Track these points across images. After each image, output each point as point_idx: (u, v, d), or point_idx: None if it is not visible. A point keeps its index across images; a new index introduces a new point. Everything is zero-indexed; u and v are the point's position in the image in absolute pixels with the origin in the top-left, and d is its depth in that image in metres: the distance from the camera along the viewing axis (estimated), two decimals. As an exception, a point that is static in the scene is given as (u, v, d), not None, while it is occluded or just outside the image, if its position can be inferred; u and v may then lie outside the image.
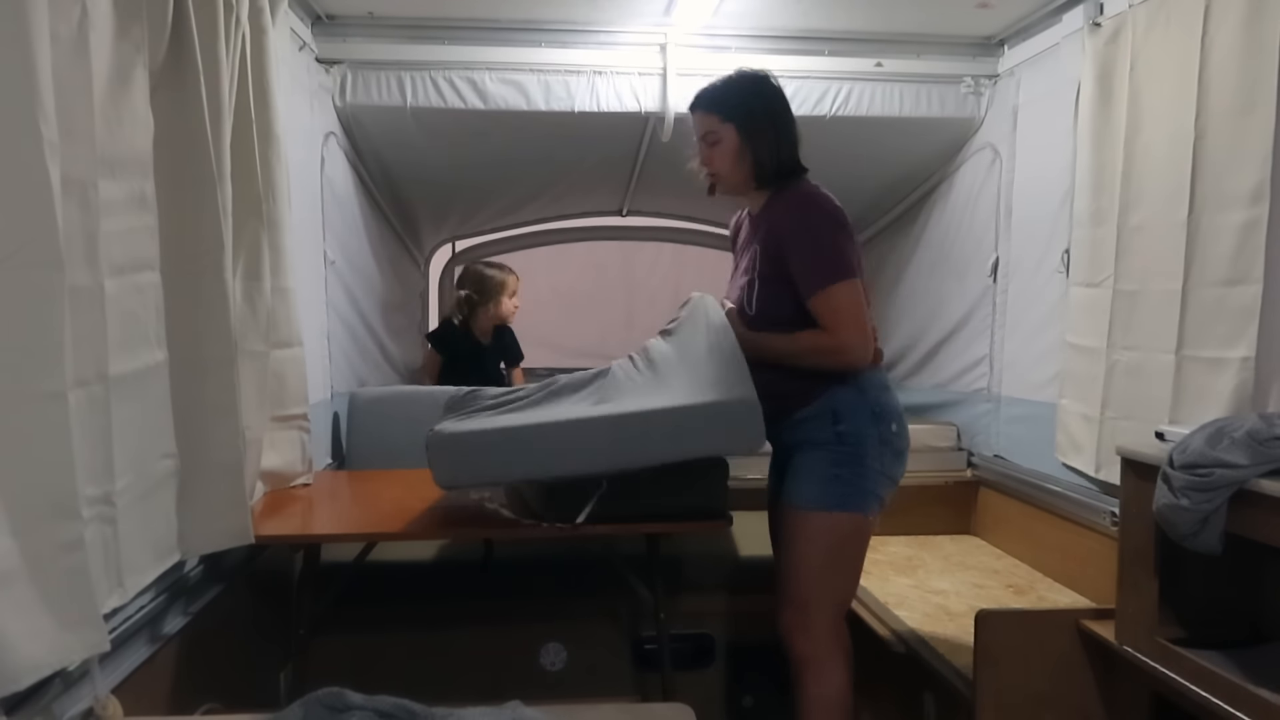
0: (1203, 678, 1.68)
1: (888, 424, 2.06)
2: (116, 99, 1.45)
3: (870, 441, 2.04)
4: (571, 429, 1.91)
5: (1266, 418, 1.62)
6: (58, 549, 1.22)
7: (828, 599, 2.09)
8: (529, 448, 1.88)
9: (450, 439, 1.91)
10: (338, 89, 2.95)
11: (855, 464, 2.03)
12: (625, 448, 1.87)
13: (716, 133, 2.10)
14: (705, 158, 2.15)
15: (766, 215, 2.13)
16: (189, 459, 1.73)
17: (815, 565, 2.07)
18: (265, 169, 2.03)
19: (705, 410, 1.88)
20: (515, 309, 3.77)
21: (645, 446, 1.87)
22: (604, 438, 1.88)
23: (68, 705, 1.35)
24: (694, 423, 1.87)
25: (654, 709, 1.75)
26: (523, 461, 1.88)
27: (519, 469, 1.90)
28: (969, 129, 3.27)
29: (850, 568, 2.12)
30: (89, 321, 1.36)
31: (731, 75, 2.14)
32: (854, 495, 2.04)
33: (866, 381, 2.07)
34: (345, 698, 1.23)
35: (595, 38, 3.04)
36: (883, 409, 2.07)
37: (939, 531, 3.31)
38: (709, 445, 1.91)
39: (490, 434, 1.92)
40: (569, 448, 1.88)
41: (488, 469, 1.92)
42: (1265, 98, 1.97)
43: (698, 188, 2.25)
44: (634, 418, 1.88)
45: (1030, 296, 2.96)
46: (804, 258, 2.03)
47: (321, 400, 2.85)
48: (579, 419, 1.93)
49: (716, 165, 2.13)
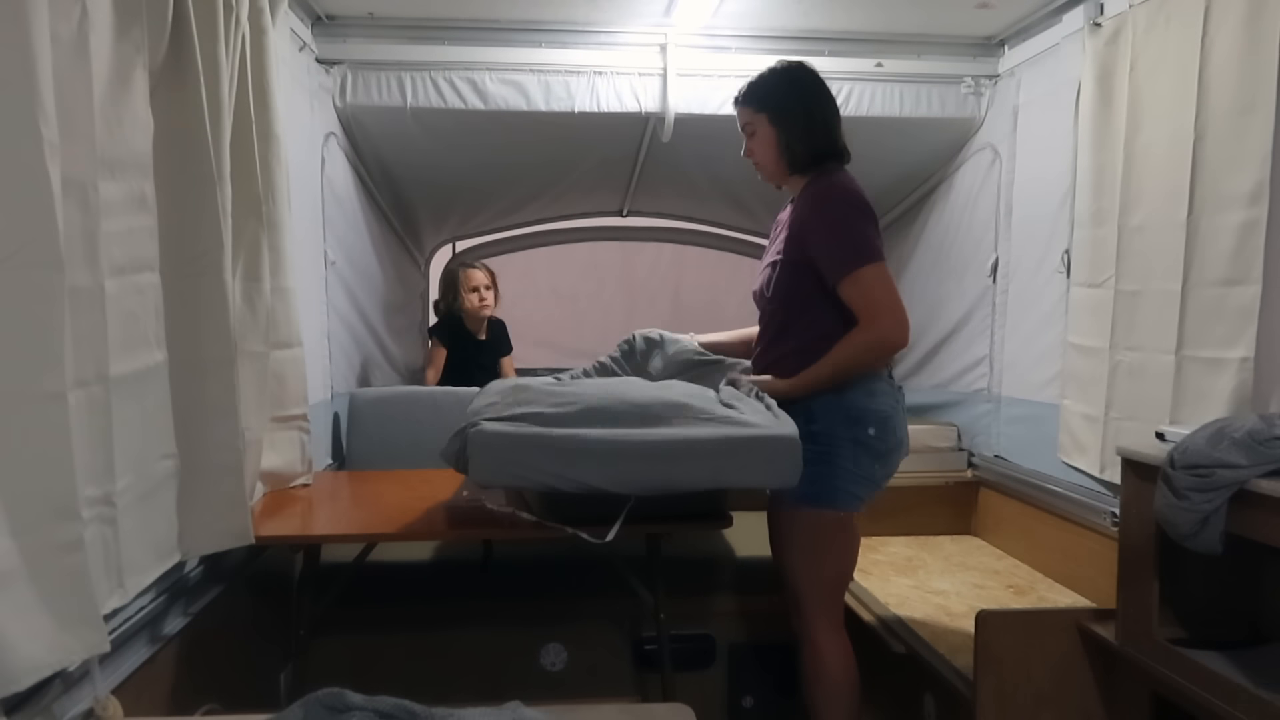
0: (1203, 678, 1.68)
1: (864, 428, 2.08)
2: (116, 99, 1.46)
3: (841, 442, 2.07)
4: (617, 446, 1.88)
5: (1266, 418, 1.63)
6: (58, 549, 1.22)
7: (815, 588, 2.15)
8: (572, 458, 1.86)
9: (495, 437, 1.87)
10: (338, 89, 2.96)
11: (825, 463, 2.06)
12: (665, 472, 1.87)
13: (752, 124, 2.19)
14: (747, 149, 2.24)
15: (798, 201, 2.20)
16: (189, 459, 1.74)
17: (797, 557, 2.16)
18: (265, 169, 2.03)
19: (749, 443, 1.89)
20: (481, 302, 3.67)
21: (686, 473, 1.88)
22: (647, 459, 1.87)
23: (68, 706, 1.35)
24: (737, 454, 1.88)
25: (654, 709, 1.74)
26: (562, 470, 1.86)
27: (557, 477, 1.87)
28: (969, 129, 3.27)
29: (833, 558, 2.16)
30: (89, 322, 1.36)
31: (767, 69, 2.20)
32: (826, 492, 2.07)
33: (845, 385, 2.09)
34: (345, 698, 1.23)
35: (595, 38, 3.05)
36: (860, 413, 2.08)
37: (939, 532, 3.31)
38: (747, 477, 1.93)
39: (537, 438, 1.89)
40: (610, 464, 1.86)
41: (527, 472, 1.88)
42: (1265, 98, 1.97)
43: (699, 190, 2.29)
44: (680, 444, 1.88)
45: (1030, 297, 2.96)
46: (827, 242, 2.08)
47: (321, 401, 2.85)
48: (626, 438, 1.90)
49: (756, 154, 2.22)
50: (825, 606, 2.16)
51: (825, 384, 2.08)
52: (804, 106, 2.15)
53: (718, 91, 3.08)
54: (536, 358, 4.31)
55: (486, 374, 3.64)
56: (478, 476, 1.90)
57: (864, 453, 2.08)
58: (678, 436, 1.89)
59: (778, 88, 2.16)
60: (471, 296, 3.66)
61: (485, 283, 3.69)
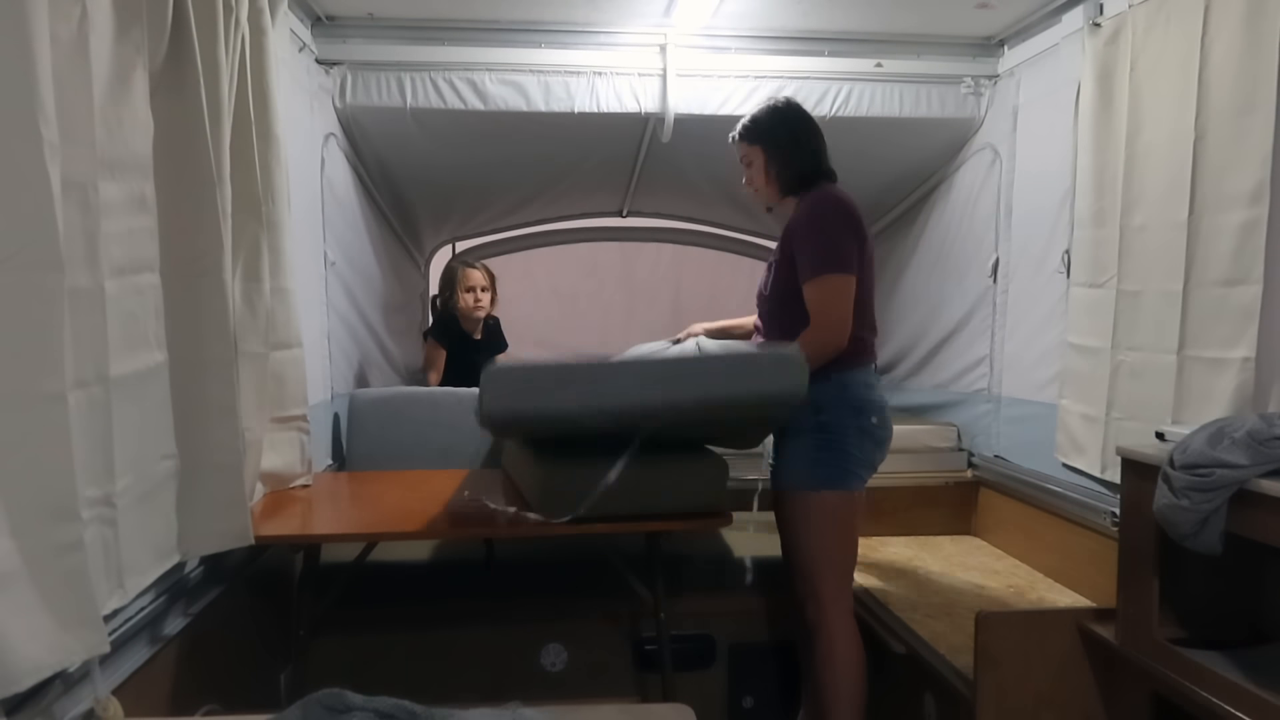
0: (1203, 678, 1.68)
1: (868, 416, 2.27)
2: (116, 100, 1.46)
3: (849, 430, 2.26)
4: (629, 367, 2.02)
5: (1266, 418, 1.62)
6: (58, 550, 1.23)
7: (828, 568, 2.29)
8: (584, 379, 1.93)
9: (505, 370, 1.96)
10: (338, 90, 2.96)
11: (836, 449, 2.25)
12: (681, 383, 1.96)
13: (748, 155, 2.43)
14: (746, 178, 2.47)
15: (795, 209, 2.38)
16: (189, 460, 1.74)
17: (813, 539, 2.29)
18: (265, 170, 2.03)
19: (759, 357, 2.06)
20: (476, 303, 3.66)
21: (701, 381, 1.97)
22: (661, 373, 1.98)
23: (68, 706, 1.35)
24: (749, 366, 2.02)
25: (654, 709, 1.74)
26: (576, 390, 1.92)
27: (571, 398, 1.92)
28: (969, 129, 3.27)
29: (845, 537, 2.32)
30: (89, 323, 1.36)
31: (759, 108, 2.45)
32: (837, 475, 2.26)
33: (848, 378, 2.26)
34: (345, 698, 1.23)
35: (595, 38, 3.04)
36: (863, 404, 2.27)
37: (939, 532, 3.31)
38: (761, 385, 2.01)
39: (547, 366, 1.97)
40: (625, 381, 1.95)
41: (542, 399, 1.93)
42: (1265, 98, 1.97)
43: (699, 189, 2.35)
44: (691, 360, 2.05)
45: (1030, 297, 2.96)
46: (804, 246, 2.26)
47: (321, 401, 2.85)
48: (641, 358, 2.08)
49: (754, 183, 2.45)
50: (840, 591, 2.30)
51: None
52: (791, 135, 2.38)
53: (717, 92, 3.08)
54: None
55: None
56: (493, 408, 1.92)
57: (867, 439, 2.27)
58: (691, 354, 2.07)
59: (766, 124, 2.40)
60: (467, 297, 3.65)
61: (483, 283, 3.68)
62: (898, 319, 3.79)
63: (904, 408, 3.57)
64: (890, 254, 3.86)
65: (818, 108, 3.09)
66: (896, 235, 3.83)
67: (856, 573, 2.83)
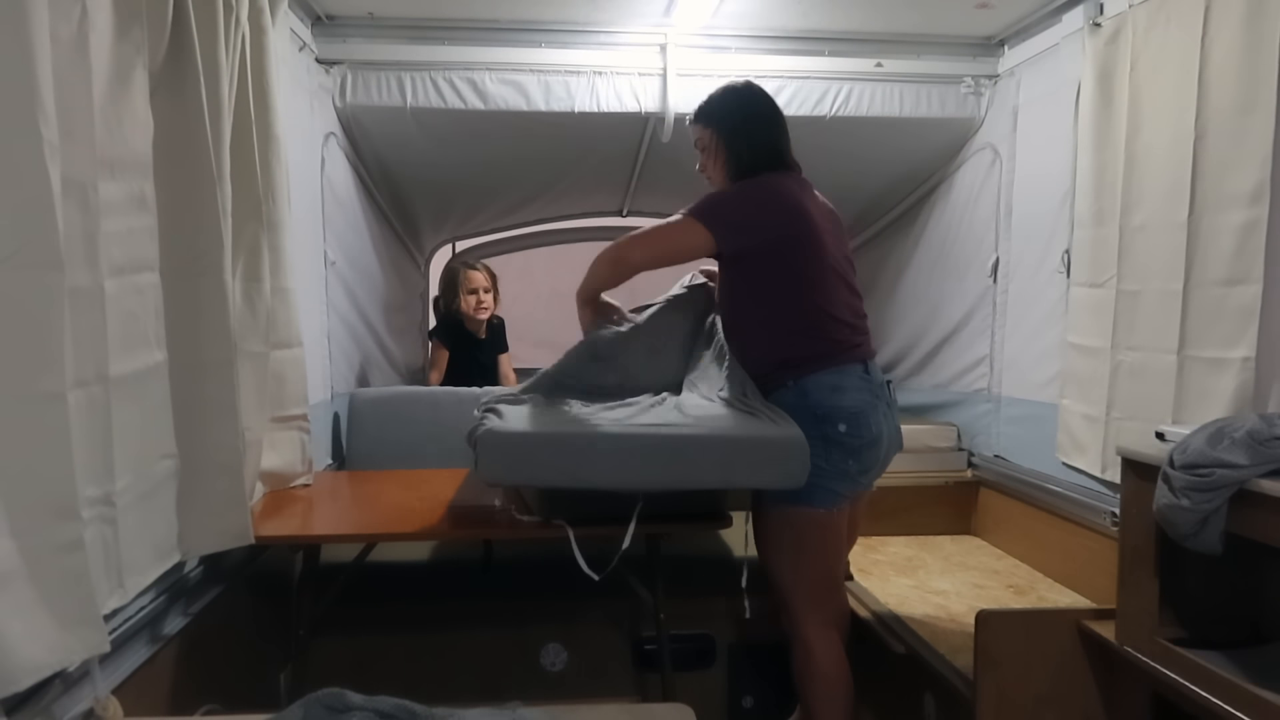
0: (1203, 678, 1.68)
1: (833, 424, 2.07)
2: (116, 100, 1.46)
3: (811, 441, 2.02)
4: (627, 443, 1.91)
5: (1266, 418, 1.62)
6: (58, 550, 1.23)
7: (798, 585, 2.16)
8: (582, 457, 1.88)
9: (504, 438, 1.89)
10: (338, 89, 2.95)
11: None
12: (676, 471, 1.90)
13: (702, 138, 2.30)
14: (699, 164, 2.34)
15: None
16: (189, 459, 1.74)
17: (778, 555, 2.17)
18: (265, 170, 2.03)
19: (760, 444, 1.94)
20: (479, 305, 3.66)
21: (696, 472, 1.91)
22: (658, 458, 1.90)
23: (68, 706, 1.35)
24: (748, 455, 1.93)
25: (654, 709, 1.75)
26: (574, 469, 1.88)
27: (565, 477, 1.90)
28: (969, 129, 3.27)
29: (812, 555, 2.15)
30: (89, 322, 1.36)
31: (716, 89, 2.32)
32: (803, 490, 2.03)
33: (810, 384, 2.11)
34: (345, 698, 1.23)
35: (595, 38, 3.04)
36: (826, 410, 2.08)
37: (939, 532, 3.31)
38: (756, 478, 1.98)
39: (547, 437, 1.91)
40: (622, 462, 1.89)
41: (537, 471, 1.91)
42: (1265, 98, 1.97)
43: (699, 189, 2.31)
44: (691, 441, 1.91)
45: (1030, 297, 2.96)
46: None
47: (321, 401, 2.85)
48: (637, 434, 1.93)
49: (707, 168, 2.32)
50: (812, 605, 2.16)
51: (590, 281, 2.48)
52: (746, 121, 2.24)
53: (718, 92, 3.08)
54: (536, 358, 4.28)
55: (486, 373, 3.65)
56: (486, 476, 1.91)
57: (835, 449, 2.07)
58: (688, 434, 1.92)
59: (721, 106, 2.27)
60: (470, 299, 3.65)
61: (485, 285, 3.68)
62: (898, 319, 3.79)
63: (904, 407, 3.56)
64: (890, 254, 3.86)
65: (818, 108, 3.09)
66: (896, 235, 3.83)
67: (857, 573, 2.84)
